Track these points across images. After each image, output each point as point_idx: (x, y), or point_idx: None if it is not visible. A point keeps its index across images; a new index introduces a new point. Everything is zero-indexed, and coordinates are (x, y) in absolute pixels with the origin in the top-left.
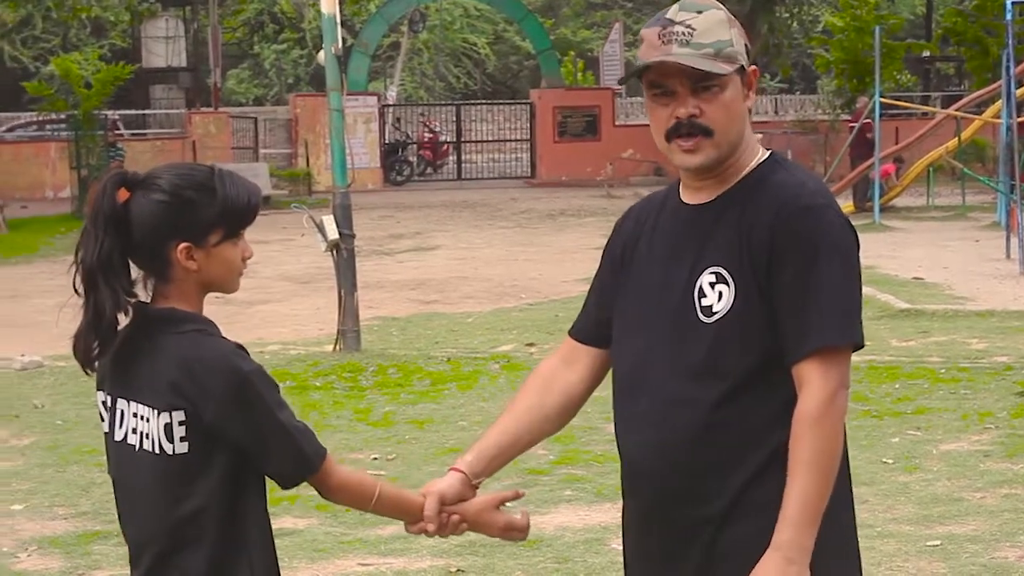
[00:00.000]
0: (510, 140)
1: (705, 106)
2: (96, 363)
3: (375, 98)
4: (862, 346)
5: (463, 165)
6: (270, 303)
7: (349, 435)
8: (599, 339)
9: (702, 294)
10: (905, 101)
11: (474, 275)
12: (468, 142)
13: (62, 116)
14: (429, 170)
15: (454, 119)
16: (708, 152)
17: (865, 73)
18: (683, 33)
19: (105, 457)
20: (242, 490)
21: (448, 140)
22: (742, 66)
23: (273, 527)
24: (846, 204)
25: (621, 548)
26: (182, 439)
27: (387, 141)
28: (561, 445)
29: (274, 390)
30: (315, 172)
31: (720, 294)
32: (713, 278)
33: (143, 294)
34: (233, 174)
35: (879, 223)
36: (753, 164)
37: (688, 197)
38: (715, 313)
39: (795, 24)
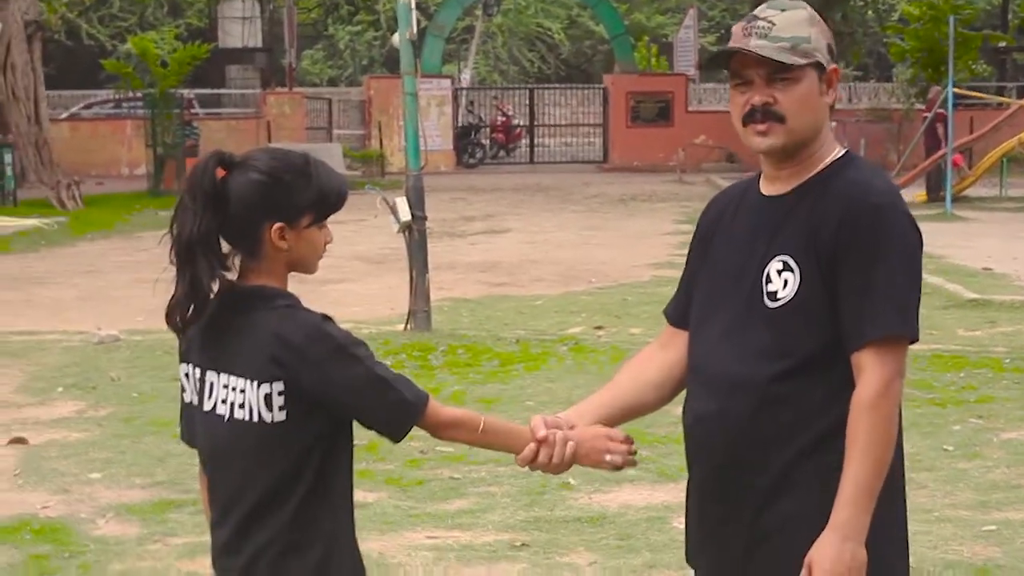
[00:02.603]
0: (583, 124)
1: (779, 95)
2: (187, 331)
3: (449, 81)
4: (916, 339)
5: (536, 149)
6: (344, 282)
7: None
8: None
9: (768, 280)
10: (980, 91)
11: (545, 258)
12: (541, 126)
13: (139, 94)
14: (502, 153)
15: (527, 103)
16: (779, 136)
17: (940, 62)
18: (763, 27)
19: (180, 426)
20: (331, 457)
21: (521, 124)
22: (819, 62)
23: None
24: (919, 193)
25: (683, 525)
26: (280, 408)
27: (460, 124)
28: (626, 426)
29: (366, 348)
30: (388, 153)
31: (786, 281)
32: (780, 266)
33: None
34: (325, 163)
35: (950, 213)
36: (829, 160)
37: (766, 188)
38: (779, 299)
39: (871, 12)
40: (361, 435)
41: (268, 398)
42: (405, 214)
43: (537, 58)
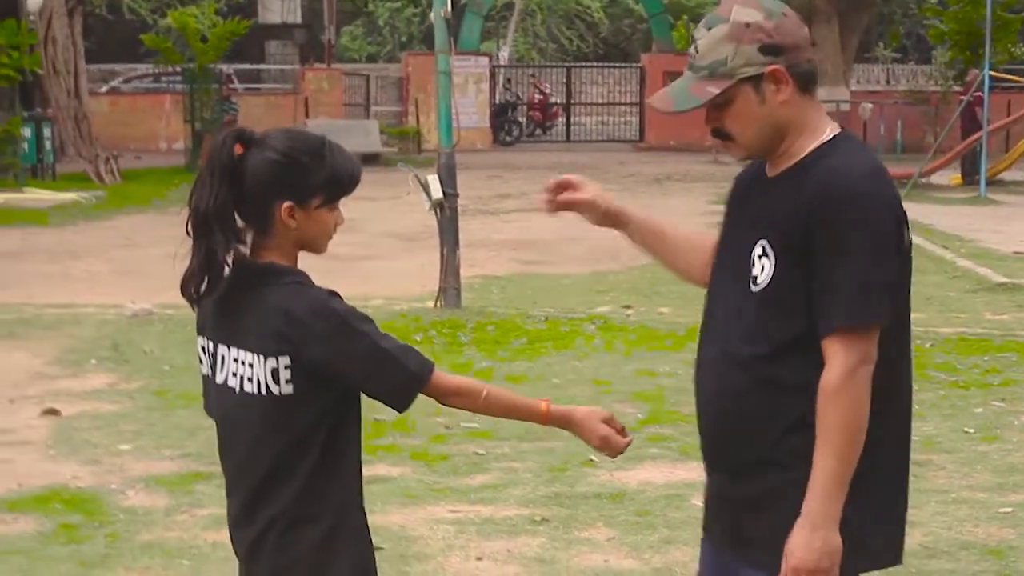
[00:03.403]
0: (620, 103)
1: (722, 117)
2: (202, 303)
3: (486, 59)
4: (882, 323)
5: (572, 127)
6: (376, 259)
7: None
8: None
9: (752, 264)
10: (1018, 74)
11: (577, 237)
12: (578, 104)
13: (178, 69)
14: (538, 131)
15: (564, 81)
16: (736, 151)
17: (979, 45)
18: (692, 56)
19: (204, 398)
20: (339, 431)
21: (558, 102)
22: (748, 76)
23: (368, 474)
24: (954, 176)
25: (701, 503)
26: (287, 381)
27: (497, 102)
28: (650, 404)
29: (371, 323)
30: (425, 130)
31: (763, 267)
32: (760, 250)
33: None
34: (341, 147)
35: (985, 196)
36: (813, 145)
37: (767, 170)
38: (759, 283)
39: None
40: (388, 410)
41: (275, 372)
42: (436, 192)
43: (576, 36)
